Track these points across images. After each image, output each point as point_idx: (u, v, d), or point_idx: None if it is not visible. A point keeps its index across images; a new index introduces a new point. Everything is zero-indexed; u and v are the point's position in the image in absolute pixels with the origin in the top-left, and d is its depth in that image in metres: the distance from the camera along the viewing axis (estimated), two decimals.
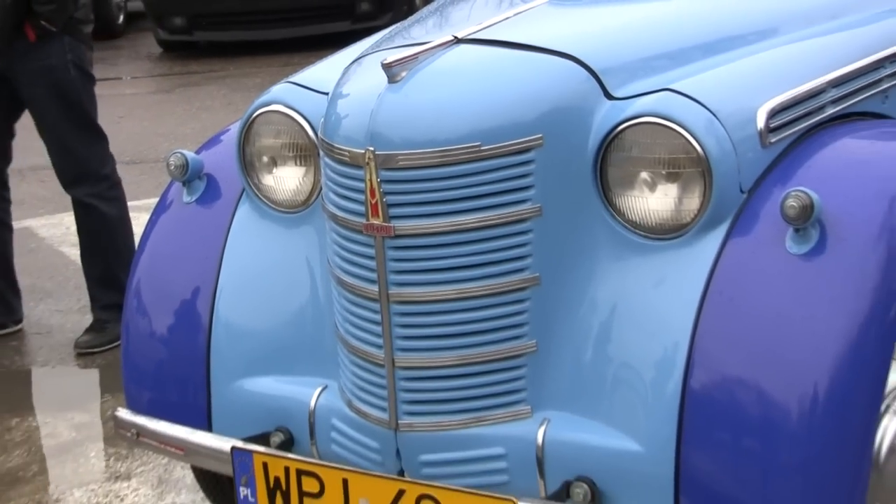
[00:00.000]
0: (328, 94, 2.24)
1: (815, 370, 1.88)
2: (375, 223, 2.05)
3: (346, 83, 2.21)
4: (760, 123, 2.07)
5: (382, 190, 2.03)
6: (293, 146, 2.36)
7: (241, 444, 2.21)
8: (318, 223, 2.29)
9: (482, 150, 2.01)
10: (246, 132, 2.40)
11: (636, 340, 2.00)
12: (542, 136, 2.03)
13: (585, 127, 2.06)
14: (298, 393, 2.25)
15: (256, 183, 2.40)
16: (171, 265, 2.45)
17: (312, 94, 2.35)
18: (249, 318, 2.33)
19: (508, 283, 2.04)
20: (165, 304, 2.42)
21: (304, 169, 2.36)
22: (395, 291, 2.06)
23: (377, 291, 2.07)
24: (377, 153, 2.02)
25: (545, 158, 2.03)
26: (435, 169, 2.02)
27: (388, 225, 2.04)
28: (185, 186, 2.48)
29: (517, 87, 2.07)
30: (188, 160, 2.46)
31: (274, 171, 2.38)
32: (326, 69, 2.42)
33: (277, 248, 2.36)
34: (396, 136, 2.03)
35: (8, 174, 4.17)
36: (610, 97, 2.08)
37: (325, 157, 2.18)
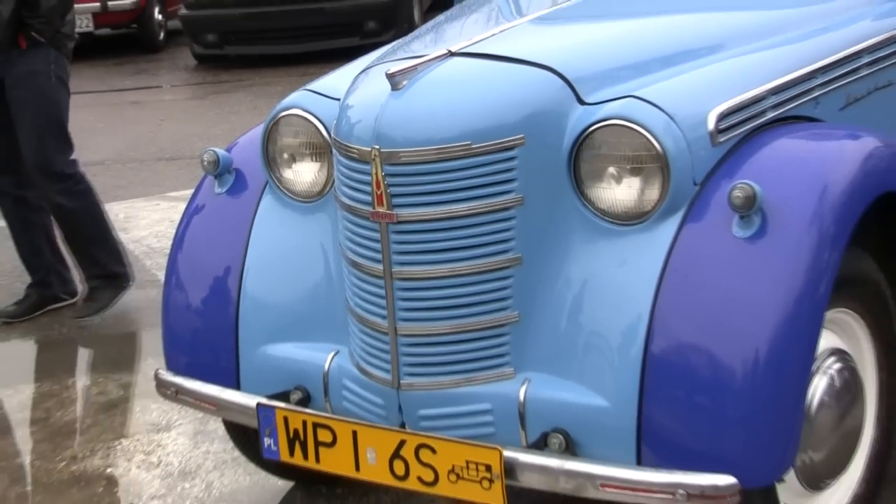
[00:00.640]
0: (340, 99, 2.23)
1: (756, 337, 1.88)
2: (380, 211, 2.04)
3: (355, 90, 2.19)
4: (711, 125, 2.06)
5: (386, 182, 2.02)
6: (310, 145, 2.35)
7: (265, 400, 2.20)
8: (331, 211, 2.28)
9: (472, 147, 2.00)
10: (269, 132, 2.38)
11: (604, 312, 1.99)
12: (523, 136, 2.02)
13: (561, 128, 2.05)
14: (314, 357, 2.24)
15: (278, 176, 2.39)
16: (204, 247, 2.44)
17: (326, 99, 2.34)
18: (272, 292, 2.32)
19: (494, 262, 2.03)
20: (199, 280, 2.41)
21: (319, 164, 2.34)
22: (397, 270, 2.05)
23: (382, 270, 2.07)
24: (382, 150, 2.02)
25: (526, 155, 2.02)
26: (432, 164, 2.01)
27: (391, 212, 2.03)
28: (216, 179, 2.47)
29: (502, 93, 2.06)
30: (219, 157, 2.45)
31: (293, 166, 2.37)
32: (338, 78, 2.41)
33: (296, 233, 2.35)
34: (398, 135, 2.01)
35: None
36: (582, 102, 2.07)
37: (337, 154, 2.17)
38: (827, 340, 2.10)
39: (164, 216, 5.13)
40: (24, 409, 3.33)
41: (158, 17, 10.68)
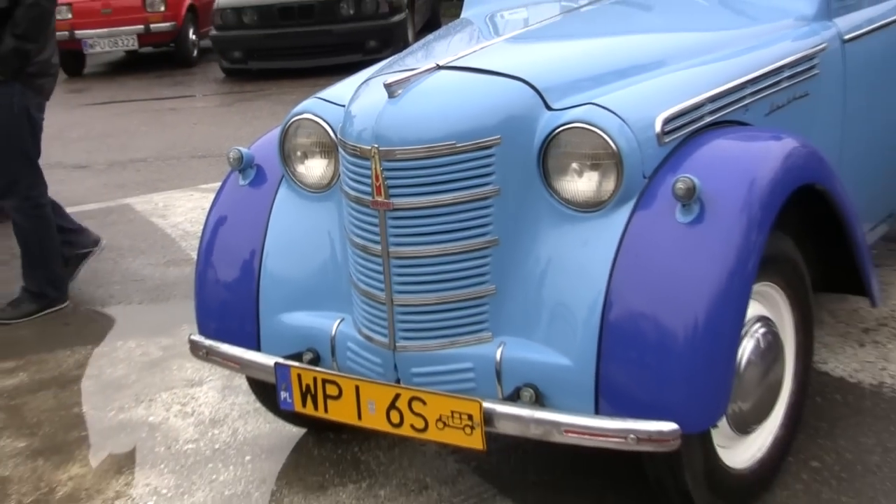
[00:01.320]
0: (345, 105, 2.20)
1: (695, 307, 1.87)
2: (379, 200, 2.02)
3: (357, 98, 2.17)
4: (658, 128, 2.05)
5: (384, 176, 2.00)
6: (319, 144, 2.32)
7: (281, 360, 2.19)
8: (337, 200, 2.25)
9: (457, 146, 1.98)
10: (285, 134, 2.35)
11: (568, 285, 1.98)
12: (500, 136, 2.00)
13: (531, 130, 2.03)
14: (323, 324, 2.22)
15: (292, 171, 2.36)
16: (230, 231, 2.41)
17: (333, 106, 2.31)
18: (287, 269, 2.30)
19: (475, 243, 2.02)
20: (226, 259, 2.38)
21: (327, 161, 2.32)
22: (393, 250, 2.04)
23: (380, 250, 2.05)
24: (380, 149, 1.99)
25: (502, 153, 2.01)
26: (422, 160, 1.98)
27: (388, 201, 2.01)
28: (240, 174, 2.44)
29: (482, 100, 2.04)
30: (243, 154, 2.42)
31: (305, 162, 2.34)
32: (343, 88, 2.38)
33: (308, 219, 2.32)
34: (394, 136, 1.99)
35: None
36: (549, 108, 2.05)
37: (342, 151, 2.14)
38: (754, 309, 2.09)
39: (196, 205, 5.09)
40: (80, 367, 3.31)
41: (192, 37, 10.61)
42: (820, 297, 2.44)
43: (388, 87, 2.02)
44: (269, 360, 2.22)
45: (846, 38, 2.66)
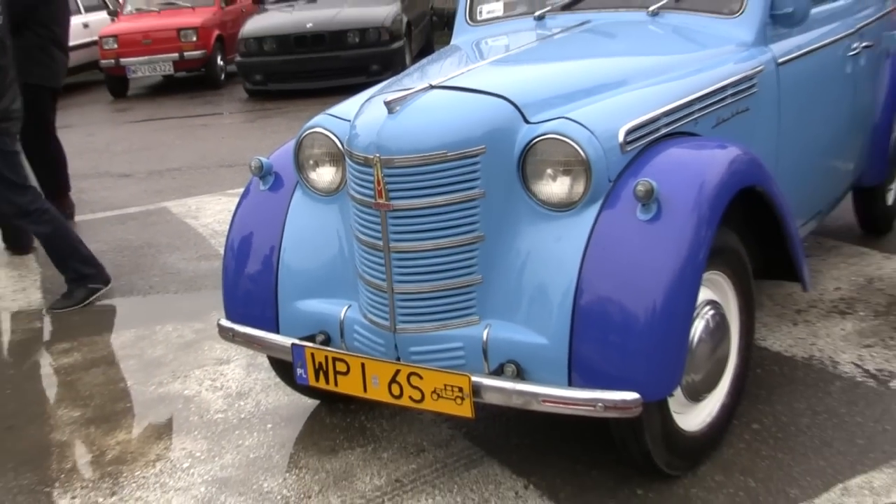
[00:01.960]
0: (350, 120, 2.17)
1: (653, 292, 1.86)
2: (381, 202, 1.99)
3: (361, 114, 2.14)
4: (621, 138, 2.03)
5: (385, 181, 1.97)
6: (329, 154, 2.29)
7: (297, 341, 2.16)
8: (344, 203, 2.22)
9: (447, 155, 1.96)
10: (299, 145, 2.33)
11: (544, 275, 1.96)
12: (485, 146, 1.98)
13: (512, 141, 2.01)
14: (333, 310, 2.20)
15: (306, 177, 2.33)
16: (252, 230, 2.38)
17: (340, 120, 2.28)
18: (302, 262, 2.27)
19: (464, 239, 2.00)
20: (249, 254, 2.35)
21: (335, 168, 2.29)
22: (393, 245, 2.01)
23: (382, 245, 2.02)
24: (381, 157, 1.97)
25: (487, 161, 1.98)
26: (417, 167, 1.96)
27: (388, 203, 1.99)
28: (261, 180, 2.41)
29: (469, 115, 2.01)
30: (263, 163, 2.39)
31: (317, 169, 2.31)
32: (349, 105, 2.35)
33: (319, 219, 2.30)
34: (393, 146, 1.97)
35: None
36: (527, 122, 2.03)
37: (348, 160, 2.11)
38: (704, 294, 2.08)
39: (224, 207, 5.05)
40: (125, 347, 3.28)
41: (220, 63, 10.56)
42: (760, 283, 2.42)
43: (388, 104, 2.00)
44: (286, 341, 2.20)
45: (780, 61, 2.65)
